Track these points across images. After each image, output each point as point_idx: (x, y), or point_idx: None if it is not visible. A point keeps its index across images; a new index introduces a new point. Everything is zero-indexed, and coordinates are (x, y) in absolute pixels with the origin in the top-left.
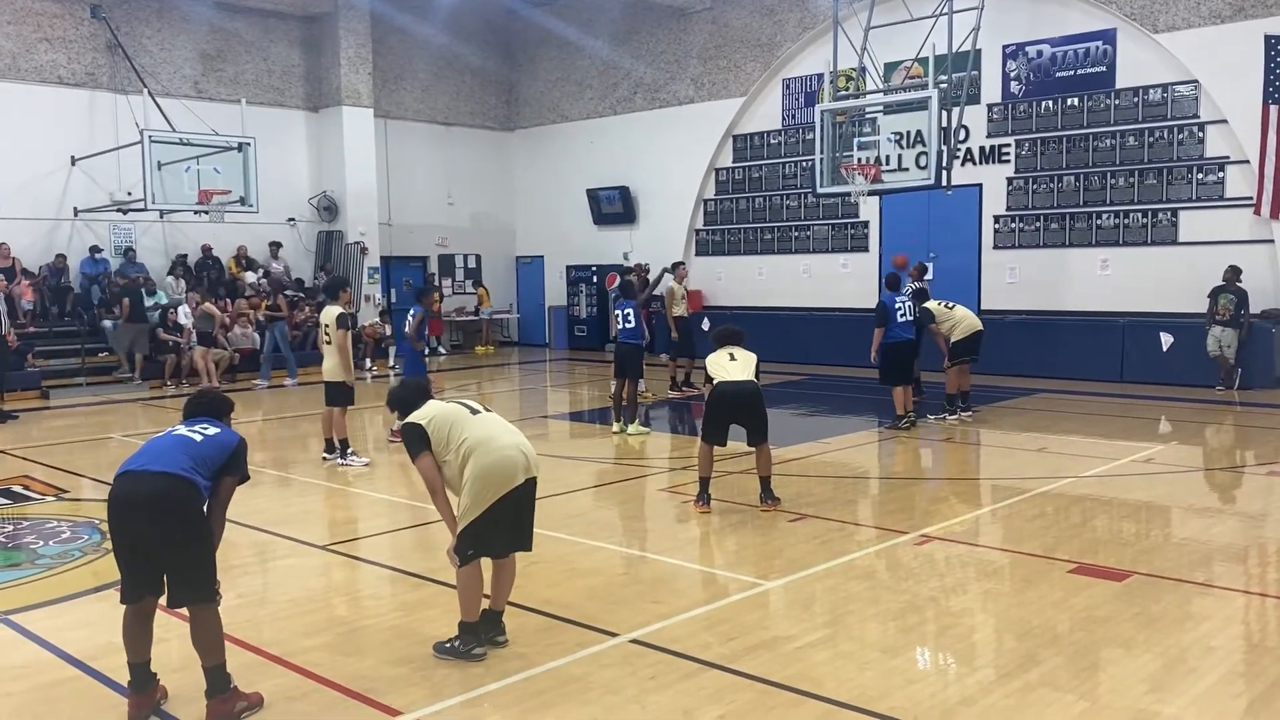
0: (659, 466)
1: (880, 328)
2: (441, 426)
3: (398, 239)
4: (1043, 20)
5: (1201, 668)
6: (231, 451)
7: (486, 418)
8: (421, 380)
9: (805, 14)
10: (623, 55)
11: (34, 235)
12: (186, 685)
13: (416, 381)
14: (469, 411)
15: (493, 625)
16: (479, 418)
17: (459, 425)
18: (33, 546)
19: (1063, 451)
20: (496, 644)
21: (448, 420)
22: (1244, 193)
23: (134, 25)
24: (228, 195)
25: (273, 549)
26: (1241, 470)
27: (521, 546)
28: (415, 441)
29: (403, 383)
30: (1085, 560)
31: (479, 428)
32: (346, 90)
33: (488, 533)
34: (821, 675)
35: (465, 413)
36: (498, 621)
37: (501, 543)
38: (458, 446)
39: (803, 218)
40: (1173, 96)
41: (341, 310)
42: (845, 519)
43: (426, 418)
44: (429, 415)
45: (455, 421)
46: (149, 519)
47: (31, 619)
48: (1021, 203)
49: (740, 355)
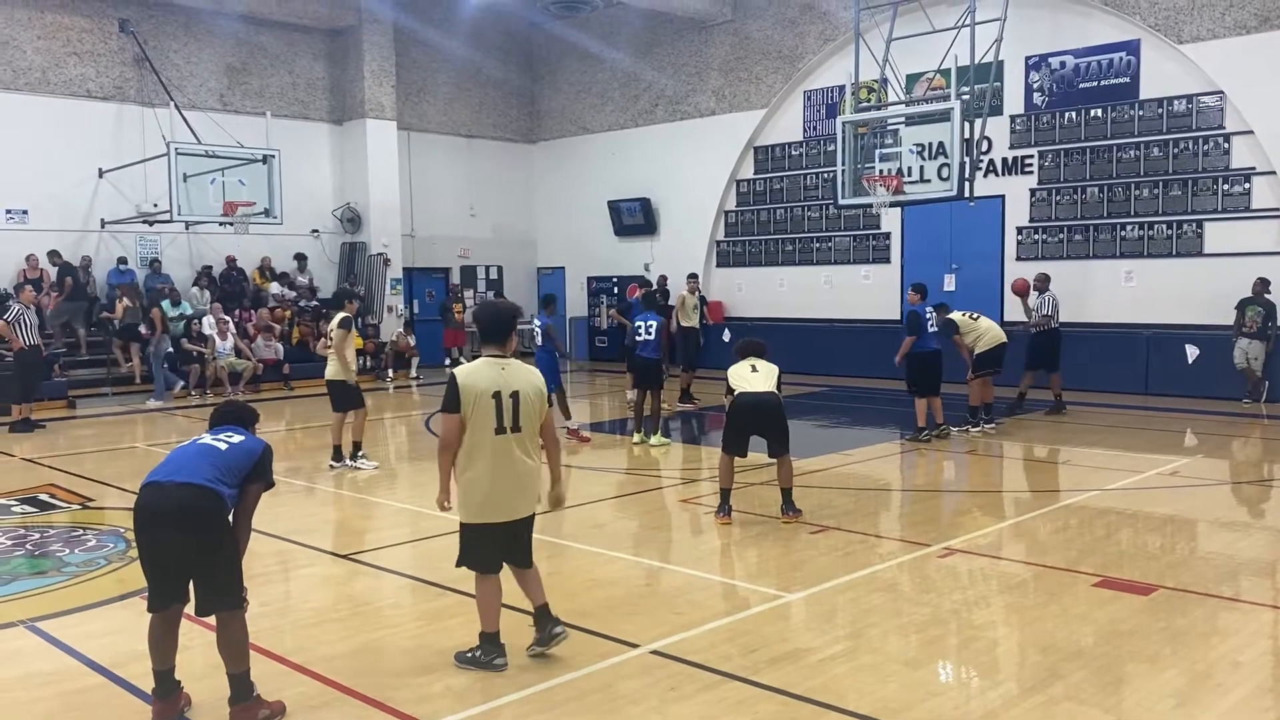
0: (679, 477)
1: (912, 336)
2: (468, 400)
3: (420, 250)
4: (1066, 31)
5: (1229, 683)
6: (257, 459)
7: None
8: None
9: (827, 26)
10: (644, 67)
11: (61, 246)
12: (210, 693)
13: (506, 308)
14: (492, 427)
15: (544, 622)
16: (499, 439)
17: (478, 422)
18: (59, 554)
19: (1087, 464)
20: (556, 637)
21: (471, 402)
22: (1270, 204)
23: (161, 39)
24: (252, 207)
25: (295, 558)
26: (1269, 484)
27: (513, 563)
28: (448, 397)
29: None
30: (1110, 574)
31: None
32: (370, 103)
33: (476, 548)
34: (843, 688)
35: (488, 421)
36: (547, 616)
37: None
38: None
39: (824, 229)
40: (1198, 107)
41: (346, 314)
42: (868, 531)
43: (465, 378)
44: (468, 380)
45: (478, 416)
46: (175, 530)
47: (57, 626)
48: (1045, 214)
49: (762, 367)
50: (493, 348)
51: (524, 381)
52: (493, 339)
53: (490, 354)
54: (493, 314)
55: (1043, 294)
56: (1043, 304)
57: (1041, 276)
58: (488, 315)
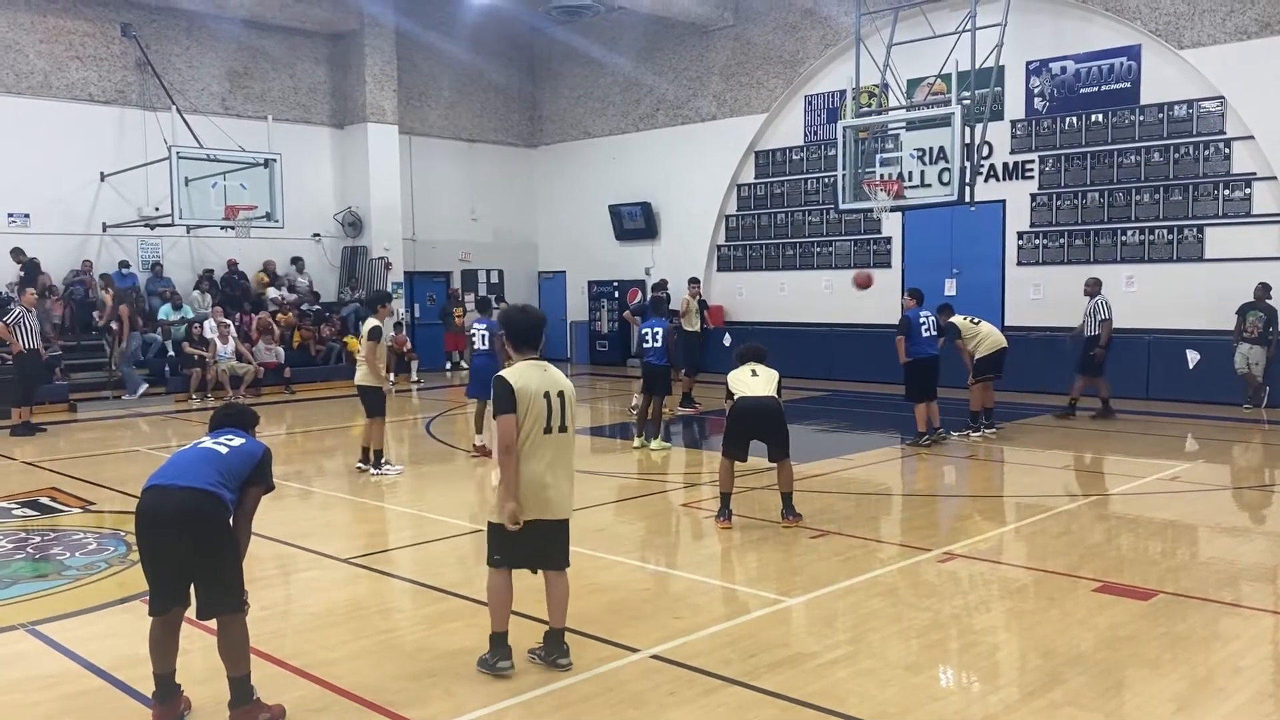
0: (680, 482)
1: (901, 336)
2: (523, 401)
3: (421, 254)
4: (1066, 36)
5: (1229, 688)
6: (257, 462)
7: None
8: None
9: (828, 31)
10: (645, 72)
11: (63, 250)
12: (210, 697)
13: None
14: (542, 427)
15: (552, 646)
16: (548, 439)
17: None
18: (60, 558)
19: (1087, 469)
20: (559, 666)
21: (526, 403)
22: (1271, 209)
23: (163, 43)
24: (254, 211)
25: (295, 561)
26: (1270, 489)
27: (548, 565)
28: (503, 400)
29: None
30: (1110, 579)
31: (536, 447)
32: (372, 107)
33: (507, 543)
34: (843, 693)
35: (540, 422)
36: (558, 642)
37: (523, 556)
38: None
39: (825, 233)
40: (1198, 113)
41: (376, 323)
42: (868, 536)
43: (517, 381)
44: (520, 382)
45: (531, 417)
46: (176, 533)
47: (58, 630)
48: (1045, 219)
49: (762, 372)
50: (529, 351)
51: (565, 383)
52: (530, 343)
53: (529, 357)
54: (528, 318)
55: (1095, 299)
56: (1098, 308)
57: (1092, 281)
58: (524, 320)
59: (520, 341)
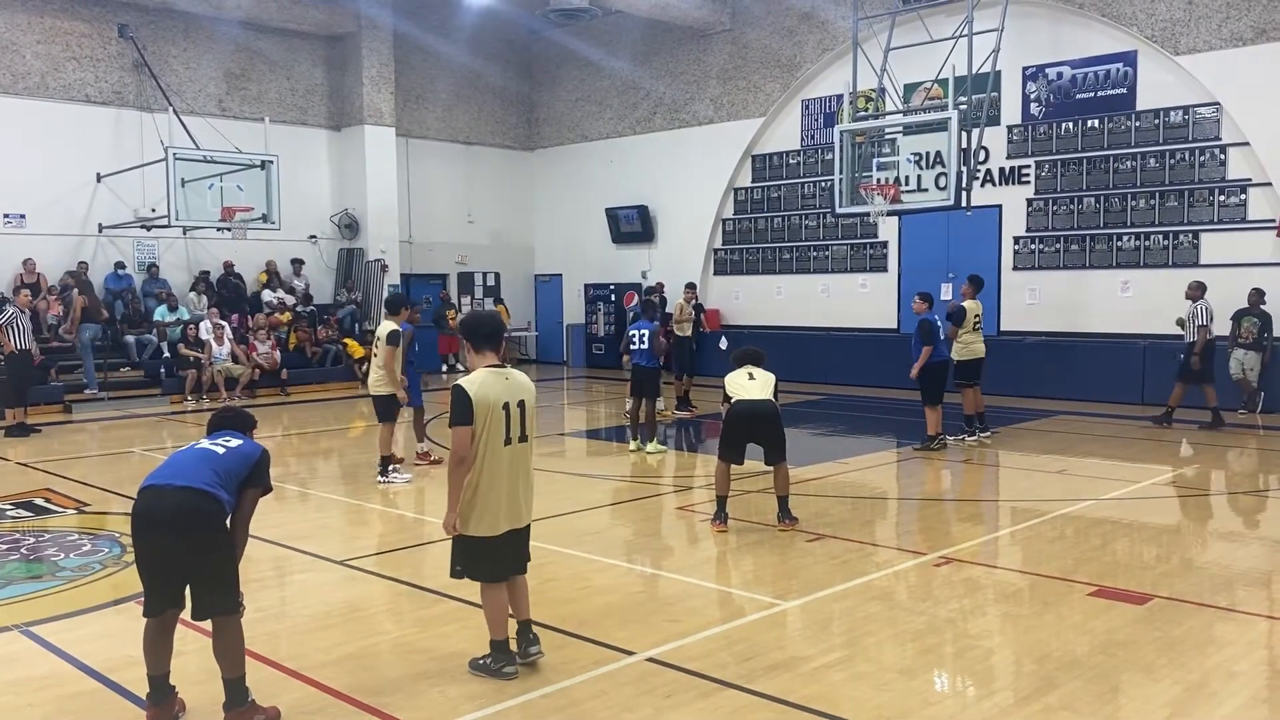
0: (675, 485)
1: (929, 346)
2: (481, 413)
3: (418, 256)
4: (1063, 42)
5: (1224, 693)
6: (254, 463)
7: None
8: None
9: (825, 35)
10: (643, 75)
11: (59, 251)
12: (204, 698)
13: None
14: (502, 438)
15: (523, 638)
16: (507, 450)
17: (487, 439)
18: (54, 559)
19: (1083, 474)
20: (530, 656)
21: (484, 416)
22: (1266, 215)
23: (160, 44)
24: (250, 212)
25: (291, 563)
26: (1264, 494)
27: (520, 570)
28: (461, 411)
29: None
30: (1105, 583)
31: (496, 459)
32: (369, 109)
33: (487, 559)
34: (839, 696)
35: (499, 433)
36: (527, 633)
37: (506, 568)
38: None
39: (821, 237)
40: (1194, 119)
41: (394, 327)
42: (864, 539)
43: (476, 391)
44: (480, 392)
45: (490, 429)
46: (173, 534)
47: (52, 631)
48: (1041, 224)
49: (759, 375)
50: (490, 356)
51: (526, 390)
52: (490, 346)
53: (490, 364)
54: (486, 318)
55: (1197, 302)
56: (1197, 313)
57: (1195, 285)
58: (485, 323)
59: (481, 340)
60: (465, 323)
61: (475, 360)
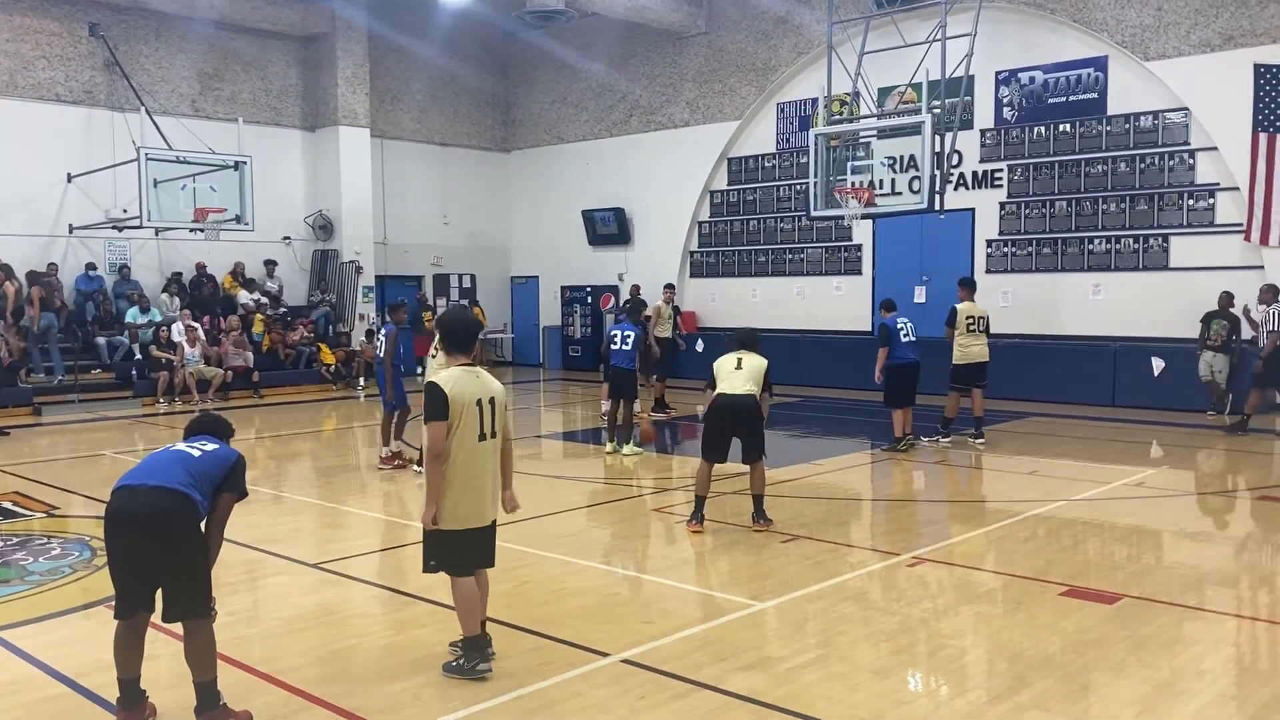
0: (651, 486)
1: (884, 348)
2: (455, 409)
3: (393, 258)
4: (1035, 47)
5: (1192, 690)
6: (229, 467)
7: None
8: (472, 319)
9: (800, 39)
10: (619, 78)
11: (29, 252)
12: (176, 702)
13: (469, 317)
14: (476, 434)
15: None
16: (480, 445)
17: (462, 434)
18: (22, 563)
19: (1054, 475)
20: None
21: (459, 412)
22: (1234, 219)
23: (132, 44)
24: (223, 213)
25: (263, 567)
26: (1233, 495)
27: (487, 564)
28: (436, 407)
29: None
30: (1076, 583)
31: (471, 454)
32: (343, 110)
33: (457, 553)
34: (813, 696)
35: (474, 429)
36: (485, 631)
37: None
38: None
39: (796, 240)
40: (1163, 124)
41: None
42: (838, 540)
43: (451, 388)
44: (455, 389)
45: (464, 424)
46: (146, 534)
47: (20, 635)
48: (1014, 227)
49: (748, 362)
50: (463, 356)
51: (496, 389)
52: (464, 347)
53: (462, 363)
54: (463, 322)
55: (1271, 306)
56: (1269, 318)
57: (1267, 288)
58: (459, 324)
59: (454, 345)
60: (443, 323)
61: (448, 360)
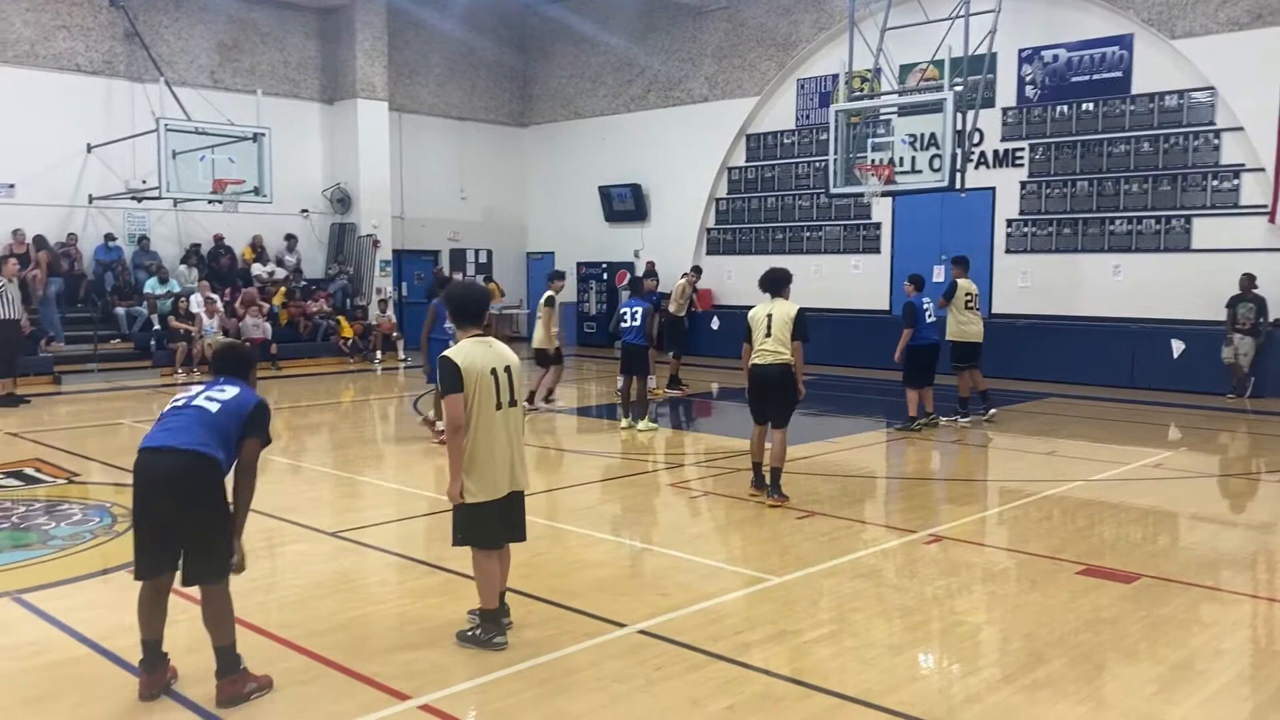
0: (666, 462)
1: (909, 328)
2: (470, 380)
3: (410, 232)
4: (1059, 24)
5: (1209, 671)
6: (248, 415)
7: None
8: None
9: (821, 14)
10: (638, 52)
11: (49, 222)
12: (197, 667)
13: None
14: (493, 403)
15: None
16: (498, 415)
17: (478, 404)
18: (45, 528)
19: (1072, 455)
20: (504, 627)
21: (473, 382)
22: (1259, 201)
23: (152, 14)
24: (241, 185)
25: (282, 535)
26: (1252, 477)
27: (513, 538)
28: (450, 379)
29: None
30: (1093, 562)
31: (490, 425)
32: (362, 83)
33: (475, 525)
34: (827, 670)
35: (490, 398)
36: (501, 600)
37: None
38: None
39: (815, 218)
40: (1189, 103)
41: (551, 294)
42: (853, 517)
43: (463, 360)
44: (466, 360)
45: (480, 396)
46: (167, 497)
47: (43, 598)
48: (1035, 207)
49: (777, 315)
50: (473, 328)
51: (511, 358)
52: (474, 319)
53: (473, 334)
54: (471, 294)
55: None
56: None
57: None
58: (468, 295)
59: (463, 317)
60: (452, 297)
61: (459, 332)
